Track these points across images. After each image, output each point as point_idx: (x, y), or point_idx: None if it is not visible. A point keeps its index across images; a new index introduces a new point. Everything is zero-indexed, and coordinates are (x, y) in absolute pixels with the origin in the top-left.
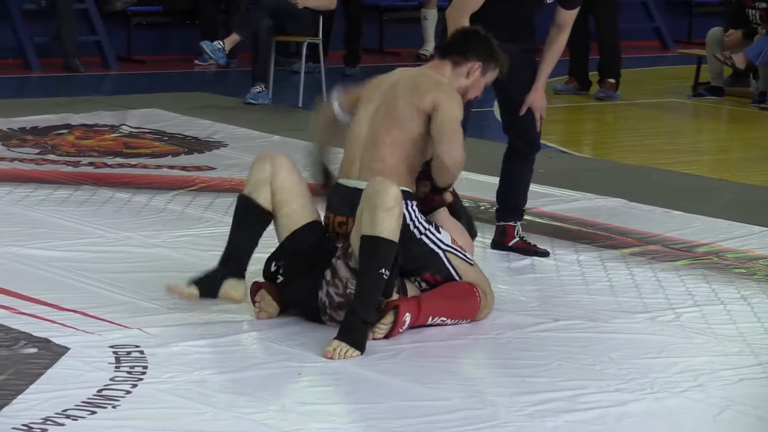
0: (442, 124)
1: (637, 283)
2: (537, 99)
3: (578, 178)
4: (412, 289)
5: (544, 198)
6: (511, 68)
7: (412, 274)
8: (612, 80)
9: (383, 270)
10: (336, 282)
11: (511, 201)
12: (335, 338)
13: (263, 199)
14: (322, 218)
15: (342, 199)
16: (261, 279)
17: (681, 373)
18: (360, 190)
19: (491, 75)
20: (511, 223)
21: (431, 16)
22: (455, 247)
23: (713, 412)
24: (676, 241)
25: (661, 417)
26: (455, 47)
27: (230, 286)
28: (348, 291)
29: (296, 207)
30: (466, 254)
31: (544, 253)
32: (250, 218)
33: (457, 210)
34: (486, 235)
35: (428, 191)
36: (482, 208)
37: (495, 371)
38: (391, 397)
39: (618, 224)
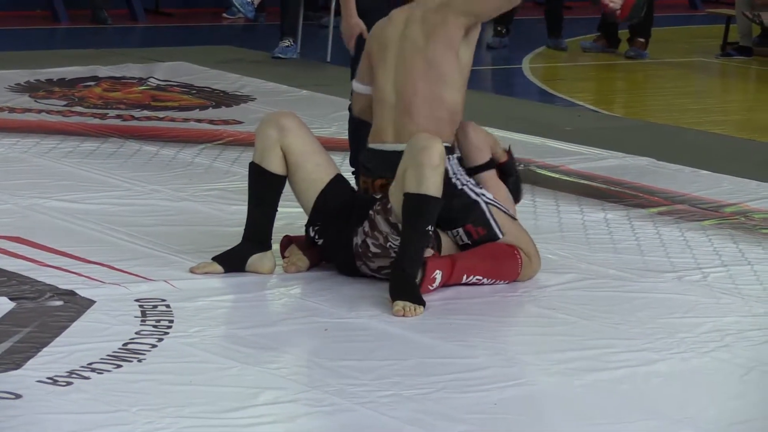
0: None
1: (664, 242)
2: None
3: (606, 137)
4: (448, 243)
5: (571, 156)
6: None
7: (452, 224)
8: (642, 39)
9: (429, 227)
10: (376, 234)
11: None
12: (395, 299)
13: (274, 165)
14: (360, 183)
15: (381, 162)
16: (290, 233)
17: (708, 333)
18: (399, 152)
19: None
20: None
21: None
22: (497, 201)
23: (740, 372)
24: (704, 200)
25: (688, 377)
26: None
27: (257, 259)
28: (388, 245)
29: (312, 167)
30: (509, 210)
31: None
32: (264, 187)
33: (508, 169)
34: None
35: None
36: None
37: (521, 329)
38: (416, 354)
39: (646, 183)
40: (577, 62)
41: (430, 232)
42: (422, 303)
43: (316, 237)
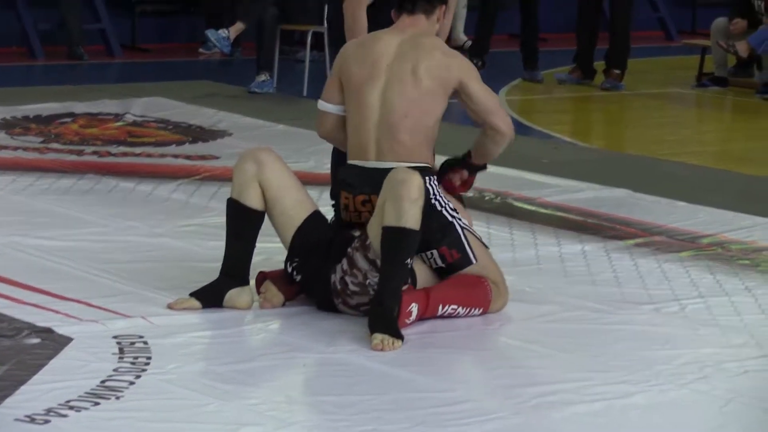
0: (483, 99)
1: (641, 274)
2: None
3: (583, 169)
4: (423, 273)
5: (548, 188)
6: None
7: (427, 246)
8: (618, 71)
9: (408, 261)
10: (354, 272)
11: None
12: (373, 332)
13: (253, 200)
14: (341, 200)
15: (361, 179)
16: (268, 268)
17: (686, 365)
18: (380, 170)
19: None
20: None
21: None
22: (471, 228)
23: (718, 404)
24: (681, 232)
25: (666, 409)
26: (421, 1)
27: (235, 294)
28: (367, 282)
29: (291, 202)
30: (482, 238)
31: None
32: (243, 222)
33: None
34: (490, 225)
35: (466, 176)
36: (486, 198)
37: (500, 362)
38: (395, 388)
39: (623, 215)
40: (553, 94)
41: (409, 266)
42: (400, 337)
43: (295, 273)
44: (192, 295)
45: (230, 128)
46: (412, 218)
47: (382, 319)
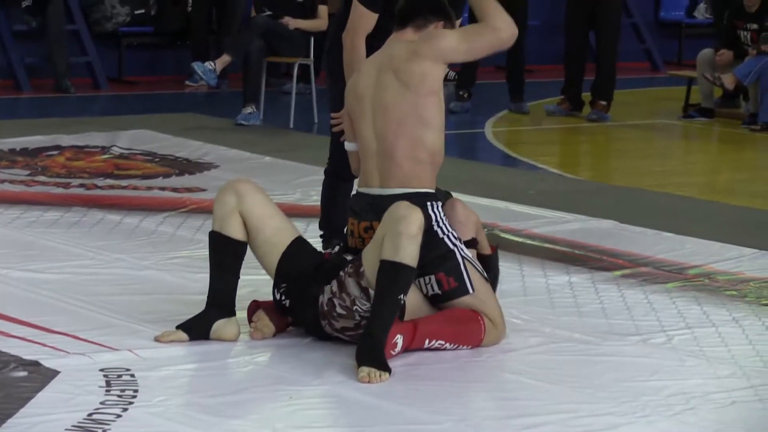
0: (468, 31)
1: (628, 305)
2: None
3: (569, 200)
4: (414, 296)
5: (535, 219)
6: None
7: (425, 270)
8: (604, 102)
9: (401, 296)
10: (343, 296)
11: None
12: (360, 365)
13: (234, 231)
14: (348, 226)
15: (366, 206)
16: (257, 298)
17: (673, 396)
18: (383, 197)
19: None
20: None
21: None
22: (474, 259)
23: None
24: (668, 263)
25: None
26: (412, 13)
27: (221, 325)
28: (355, 308)
29: (271, 231)
30: (483, 272)
31: None
32: (226, 254)
33: (490, 263)
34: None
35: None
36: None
37: (487, 394)
38: (383, 421)
39: (609, 246)
40: (540, 126)
41: (402, 301)
42: (387, 369)
43: (283, 298)
44: (179, 327)
45: (217, 160)
46: (409, 255)
47: (370, 351)
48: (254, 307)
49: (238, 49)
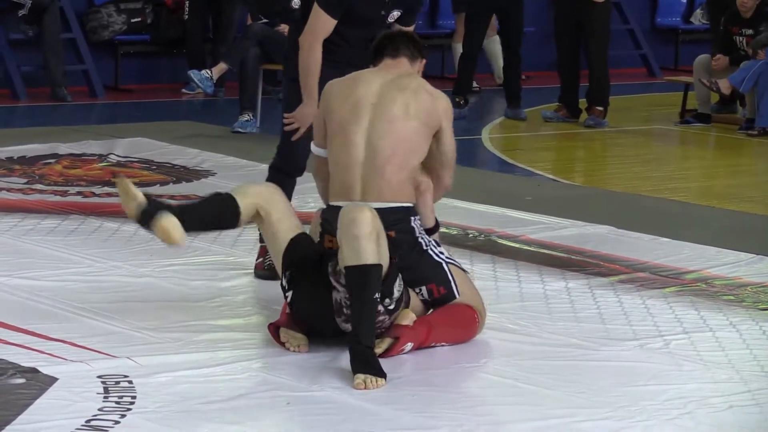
0: (449, 150)
1: (625, 310)
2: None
3: (566, 206)
4: (414, 299)
5: (532, 225)
6: None
7: (416, 284)
8: (600, 108)
9: (376, 295)
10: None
11: None
12: (356, 372)
13: (244, 205)
14: (324, 242)
15: None
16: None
17: (670, 401)
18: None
19: None
20: None
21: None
22: (452, 258)
23: None
24: (665, 268)
25: None
26: (404, 46)
27: (167, 221)
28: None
29: (284, 216)
30: (460, 264)
31: None
32: (222, 209)
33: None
34: (474, 263)
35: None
36: (470, 235)
37: (484, 399)
38: (381, 426)
39: (606, 251)
40: (536, 132)
41: (378, 298)
42: (383, 375)
43: (287, 287)
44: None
45: (213, 168)
46: (370, 254)
47: (363, 357)
48: (274, 329)
49: (235, 57)
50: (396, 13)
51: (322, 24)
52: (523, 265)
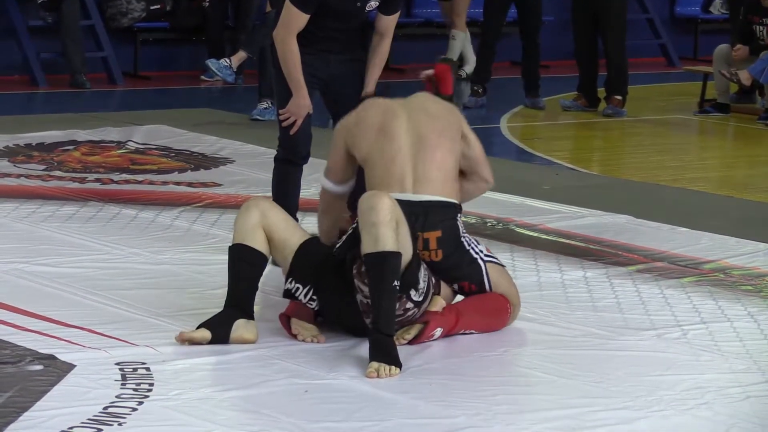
0: (479, 148)
1: (643, 300)
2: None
3: (585, 195)
4: (445, 289)
5: (550, 214)
6: (339, 77)
7: (452, 281)
8: (619, 97)
9: (395, 283)
10: (363, 295)
11: None
12: (371, 359)
13: (258, 243)
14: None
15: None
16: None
17: (688, 391)
18: (419, 203)
19: None
20: None
21: (459, 36)
22: (492, 255)
23: (720, 429)
24: (683, 258)
25: None
26: None
27: (242, 325)
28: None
29: (297, 240)
30: (500, 260)
31: None
32: (246, 264)
33: None
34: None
35: None
36: (488, 224)
37: (501, 388)
38: (397, 415)
39: (625, 241)
40: (555, 121)
41: (397, 286)
42: (398, 364)
43: (308, 299)
44: (201, 326)
45: (232, 155)
46: (389, 240)
47: (381, 345)
48: (285, 319)
49: (254, 45)
50: (374, 3)
51: (294, 19)
52: (541, 254)
